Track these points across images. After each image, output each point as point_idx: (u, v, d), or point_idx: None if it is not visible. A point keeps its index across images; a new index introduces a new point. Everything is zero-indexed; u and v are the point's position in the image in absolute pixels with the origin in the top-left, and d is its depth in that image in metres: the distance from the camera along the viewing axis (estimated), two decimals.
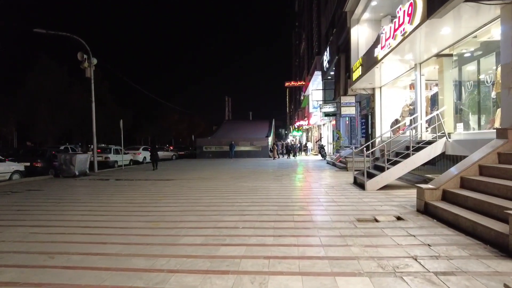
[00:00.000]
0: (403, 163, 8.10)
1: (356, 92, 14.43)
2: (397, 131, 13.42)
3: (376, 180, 8.19)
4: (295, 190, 8.64)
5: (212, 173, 14.48)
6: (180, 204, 6.88)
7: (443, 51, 9.19)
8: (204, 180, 11.48)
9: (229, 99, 56.54)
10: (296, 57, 57.00)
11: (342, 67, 15.25)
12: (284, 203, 6.66)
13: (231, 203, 6.80)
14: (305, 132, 52.59)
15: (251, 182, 10.48)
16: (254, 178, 11.88)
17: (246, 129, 38.03)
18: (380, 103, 14.09)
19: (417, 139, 9.75)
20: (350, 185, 9.27)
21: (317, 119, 32.49)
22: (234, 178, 12.08)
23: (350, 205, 6.31)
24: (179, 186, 10.10)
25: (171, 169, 17.44)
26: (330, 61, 19.98)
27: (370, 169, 9.86)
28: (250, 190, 8.76)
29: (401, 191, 7.83)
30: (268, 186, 9.47)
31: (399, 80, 12.92)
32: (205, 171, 15.45)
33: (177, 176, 13.45)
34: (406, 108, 13.16)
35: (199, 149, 31.52)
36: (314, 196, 7.58)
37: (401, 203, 6.30)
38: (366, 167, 14.07)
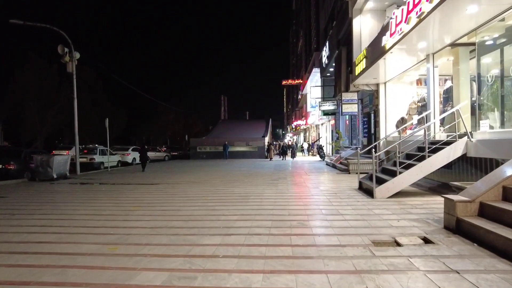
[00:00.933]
0: (417, 167, 6.98)
1: (358, 88, 13.32)
2: (404, 131, 12.34)
3: (386, 187, 7.07)
4: (293, 198, 7.50)
5: (203, 175, 13.32)
6: (154, 217, 5.71)
7: (460, 40, 8.09)
8: (192, 185, 10.32)
9: (225, 98, 55.33)
10: (294, 56, 55.92)
11: (343, 61, 14.16)
12: (279, 216, 5.51)
13: (216, 216, 5.65)
14: (303, 132, 51.52)
15: (243, 187, 9.33)
16: (247, 182, 10.74)
17: (242, 129, 36.90)
18: (384, 100, 12.99)
19: (430, 139, 8.64)
20: (355, 192, 8.15)
21: (315, 118, 31.40)
22: (225, 182, 10.93)
23: (360, 219, 5.18)
24: (161, 192, 8.93)
25: (160, 171, 16.25)
26: (329, 57, 18.86)
27: (377, 172, 8.75)
28: (241, 197, 7.61)
29: (416, 200, 6.72)
30: (262, 192, 8.33)
31: (406, 74, 11.83)
32: (196, 174, 14.29)
33: (163, 179, 12.27)
34: (413, 105, 12.07)
35: (192, 150, 30.32)
36: (315, 206, 6.44)
37: (422, 217, 5.18)
38: (371, 170, 12.99)
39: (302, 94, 36.36)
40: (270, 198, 7.37)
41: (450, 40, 8.05)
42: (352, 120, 19.58)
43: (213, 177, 12.56)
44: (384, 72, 11.59)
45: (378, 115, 13.22)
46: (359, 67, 11.79)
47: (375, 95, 13.40)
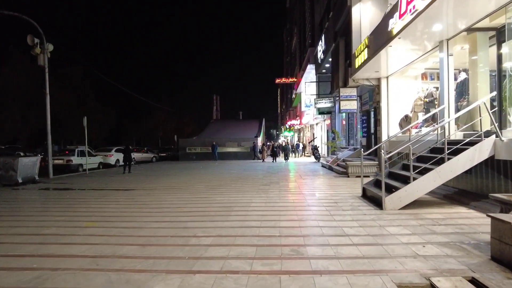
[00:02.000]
0: (435, 172, 5.77)
1: (358, 83, 12.13)
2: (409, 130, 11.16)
3: (398, 196, 5.84)
4: (285, 209, 6.23)
5: (186, 180, 12.00)
6: (106, 239, 4.40)
7: (478, 24, 6.94)
8: (170, 191, 9.02)
9: (217, 97, 53.74)
10: (288, 55, 54.77)
11: (341, 54, 12.96)
12: (268, 238, 4.24)
13: (185, 238, 4.36)
14: (297, 132, 50.36)
15: (228, 195, 8.05)
16: (234, 188, 9.46)
17: (234, 129, 35.62)
18: (387, 96, 11.81)
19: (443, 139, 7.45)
20: (359, 200, 6.91)
21: (309, 118, 30.25)
22: (209, 187, 9.64)
23: (373, 242, 3.93)
24: (131, 201, 7.61)
25: (142, 174, 14.89)
26: (325, 51, 17.67)
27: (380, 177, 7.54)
28: (223, 209, 6.32)
29: (435, 212, 5.50)
30: (249, 202, 7.05)
31: (411, 67, 10.66)
32: (180, 177, 12.97)
33: (141, 184, 10.94)
34: (419, 101, 10.90)
35: (182, 151, 28.93)
36: (313, 221, 5.18)
37: (452, 239, 3.96)
38: (373, 174, 11.81)
39: (296, 93, 35.17)
40: (258, 210, 6.09)
41: (467, 23, 6.88)
42: (350, 119, 18.40)
43: (198, 182, 11.26)
44: (386, 64, 10.41)
45: (379, 112, 12.04)
46: (360, 58, 10.59)
47: (376, 91, 12.22)
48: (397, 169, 7.46)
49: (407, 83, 11.68)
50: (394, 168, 7.62)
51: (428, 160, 6.47)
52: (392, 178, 7.25)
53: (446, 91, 7.57)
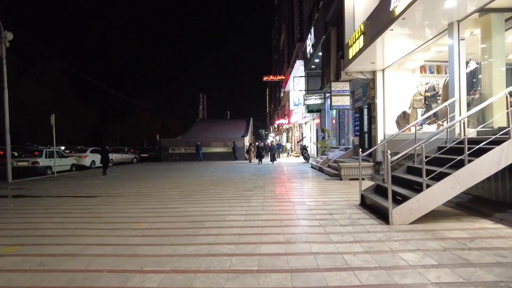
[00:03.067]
0: (453, 178, 4.67)
1: (351, 76, 11.04)
2: (411, 128, 10.14)
3: (408, 208, 4.71)
4: (269, 225, 5.02)
5: (161, 184, 10.69)
6: (16, 275, 3.11)
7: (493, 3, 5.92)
8: (138, 199, 7.72)
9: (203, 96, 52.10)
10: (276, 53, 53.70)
11: (333, 45, 11.86)
12: (241, 276, 3.02)
13: (126, 274, 3.10)
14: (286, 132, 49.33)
15: (203, 204, 6.80)
16: (212, 194, 8.22)
17: (220, 129, 34.29)
18: (382, 90, 10.76)
19: (454, 137, 6.40)
20: (358, 211, 5.77)
21: (298, 117, 29.22)
22: (184, 194, 8.38)
23: (390, 283, 2.77)
24: (86, 212, 6.28)
25: (116, 177, 13.49)
26: (314, 45, 16.58)
27: (380, 181, 6.44)
28: (191, 226, 5.08)
29: (456, 228, 4.39)
30: (227, 214, 5.82)
31: (410, 59, 9.65)
32: (155, 181, 11.63)
33: (109, 189, 9.62)
34: (418, 96, 9.88)
35: (164, 151, 27.45)
36: (304, 244, 3.98)
37: (500, 275, 2.83)
38: (368, 176, 10.73)
39: (285, 92, 34.12)
40: (235, 227, 4.87)
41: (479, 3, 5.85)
42: (341, 117, 17.36)
43: (173, 187, 9.96)
44: (383, 55, 9.36)
45: (374, 109, 10.98)
46: (354, 48, 9.49)
47: (371, 85, 11.17)
48: (401, 173, 6.35)
49: (405, 77, 10.67)
50: (397, 171, 6.51)
51: (437, 162, 5.39)
52: (394, 183, 6.15)
53: (456, 82, 6.49)
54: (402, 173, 6.30)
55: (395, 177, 6.36)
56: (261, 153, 20.89)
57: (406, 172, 6.34)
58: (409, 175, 5.99)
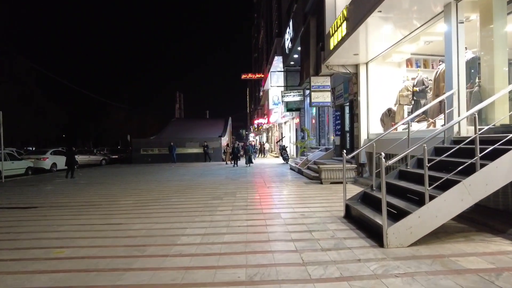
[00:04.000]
0: (461, 187, 3.69)
1: (332, 70, 10.08)
2: (391, 125, 9.27)
3: (407, 226, 3.68)
4: (230, 252, 3.87)
5: (119, 190, 9.34)
6: None
7: None
8: (82, 210, 6.40)
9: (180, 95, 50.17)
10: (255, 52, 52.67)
11: (312, 36, 10.86)
12: None
13: None
14: (265, 132, 48.37)
15: (156, 218, 5.58)
16: (173, 204, 6.99)
17: (197, 129, 32.78)
18: (366, 86, 9.86)
19: (453, 136, 5.49)
20: (343, 226, 4.71)
21: (277, 116, 28.31)
22: (139, 203, 7.10)
23: None
24: (4, 232, 4.92)
25: (73, 183, 11.93)
26: (293, 39, 15.59)
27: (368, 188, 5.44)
28: (127, 252, 3.86)
29: (468, 252, 3.40)
30: (180, 233, 4.64)
31: (396, 50, 8.78)
32: (113, 186, 10.25)
33: (57, 197, 8.30)
34: (405, 92, 9.03)
35: (135, 152, 25.75)
36: (271, 284, 2.86)
37: None
38: (351, 180, 9.77)
39: (264, 90, 33.11)
40: (184, 254, 3.69)
41: None
42: (321, 115, 16.46)
43: (131, 193, 8.65)
44: (367, 45, 8.45)
45: (357, 106, 10.06)
46: (336, 37, 8.50)
47: (353, 81, 10.25)
48: (392, 178, 5.37)
49: (390, 71, 9.82)
50: (387, 177, 5.51)
51: (436, 166, 4.41)
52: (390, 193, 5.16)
53: (455, 72, 5.57)
54: (394, 179, 5.32)
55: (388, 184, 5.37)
56: (236, 155, 19.15)
57: (398, 178, 5.36)
58: (403, 182, 5.01)
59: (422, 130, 6.32)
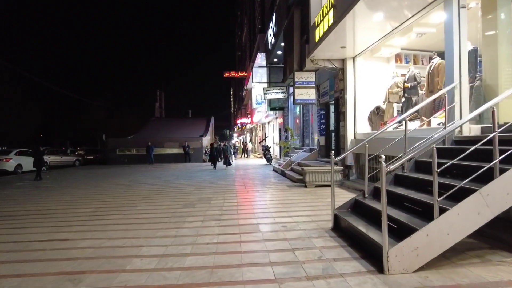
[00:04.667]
0: (478, 197, 3.00)
1: (317, 65, 9.37)
2: (381, 124, 8.67)
3: (413, 246, 2.95)
4: (189, 282, 3.05)
5: (82, 196, 8.32)
6: None
7: None
8: (29, 221, 5.44)
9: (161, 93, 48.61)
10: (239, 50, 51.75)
11: (296, 28, 10.12)
12: None
13: None
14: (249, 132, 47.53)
15: (110, 232, 4.67)
16: (135, 213, 6.08)
17: (178, 128, 31.65)
18: (353, 82, 9.21)
19: (454, 136, 4.84)
20: (331, 241, 3.96)
21: (261, 116, 27.55)
22: (97, 212, 6.15)
23: None
24: None
25: (35, 186, 10.76)
26: (276, 34, 14.87)
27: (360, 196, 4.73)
28: (54, 284, 2.97)
29: (490, 280, 2.71)
30: (134, 253, 3.76)
31: (385, 44, 8.19)
32: (77, 192, 9.19)
33: (8, 204, 7.17)
34: (395, 88, 8.45)
35: (111, 153, 24.45)
36: None
37: None
38: (337, 183, 9.09)
39: (247, 89, 32.30)
40: (133, 283, 2.84)
41: None
42: (305, 115, 15.80)
43: (93, 200, 7.67)
44: (355, 37, 7.78)
45: (343, 104, 9.41)
46: (322, 27, 7.79)
47: (340, 77, 9.58)
48: (387, 185, 4.66)
49: (379, 67, 9.22)
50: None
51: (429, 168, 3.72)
52: (377, 198, 4.46)
53: (456, 62, 4.92)
54: (389, 185, 4.62)
55: (377, 189, 4.67)
56: (214, 155, 17.35)
57: (394, 183, 4.66)
58: (401, 188, 4.31)
59: (418, 130, 5.67)
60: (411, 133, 5.64)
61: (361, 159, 8.87)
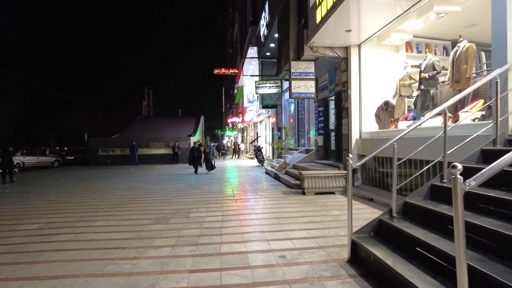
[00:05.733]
0: None
1: (317, 53, 8.16)
2: (391, 122, 7.50)
3: None
4: None
5: (37, 206, 6.95)
6: None
7: None
8: None
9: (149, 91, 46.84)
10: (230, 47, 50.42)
11: (293, 12, 8.88)
12: None
13: None
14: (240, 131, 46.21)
15: (39, 268, 3.36)
16: (92, 231, 4.75)
17: (165, 127, 30.14)
18: (358, 73, 8.03)
19: (507, 134, 3.66)
20: (350, 286, 2.72)
21: (252, 115, 26.31)
22: (44, 231, 4.81)
23: None
24: None
25: None
26: (269, 24, 13.64)
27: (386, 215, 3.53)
28: None
29: None
30: None
31: (396, 29, 7.01)
32: (38, 198, 7.81)
33: None
34: (407, 80, 7.28)
35: (92, 153, 22.87)
36: None
37: None
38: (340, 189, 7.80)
39: (238, 87, 31.03)
40: None
41: None
42: (300, 113, 14.61)
43: (47, 211, 6.30)
44: (361, 19, 6.59)
45: (347, 98, 8.21)
46: (324, 6, 6.56)
47: (342, 68, 8.40)
48: (421, 199, 3.47)
49: (386, 56, 8.08)
50: (414, 195, 3.57)
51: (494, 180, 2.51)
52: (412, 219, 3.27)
53: (510, 38, 3.74)
54: (423, 200, 3.42)
55: (410, 206, 3.46)
56: (195, 157, 14.17)
57: (429, 197, 3.47)
58: (443, 206, 3.10)
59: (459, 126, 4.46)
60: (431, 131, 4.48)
61: (367, 162, 7.68)
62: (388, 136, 6.82)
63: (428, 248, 2.62)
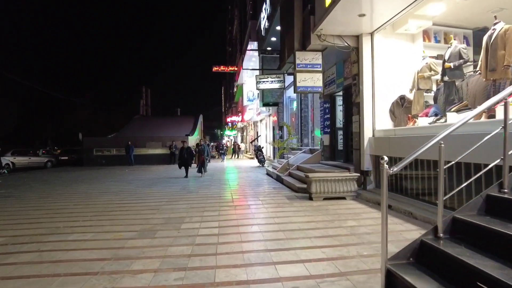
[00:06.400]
0: None
1: (325, 42, 7.35)
2: (408, 118, 6.71)
3: None
4: None
5: (11, 213, 6.14)
6: None
7: None
8: None
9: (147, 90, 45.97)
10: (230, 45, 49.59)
11: None
12: None
13: None
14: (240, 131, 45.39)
15: None
16: (59, 248, 3.95)
17: (163, 127, 29.32)
18: (371, 65, 7.23)
19: None
20: None
21: (252, 114, 25.55)
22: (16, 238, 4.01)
23: None
24: None
25: None
26: (271, 16, 12.85)
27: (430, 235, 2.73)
28: None
29: None
30: None
31: (414, 14, 6.23)
32: (16, 203, 7.03)
33: None
34: (426, 72, 6.49)
35: (87, 153, 22.07)
36: None
37: None
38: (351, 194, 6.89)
39: (238, 85, 30.24)
40: None
41: None
42: (303, 110, 13.82)
43: (19, 221, 5.51)
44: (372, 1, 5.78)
45: (358, 93, 7.42)
46: None
47: (352, 59, 7.60)
48: (475, 214, 2.68)
49: (401, 46, 7.31)
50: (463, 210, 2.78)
51: None
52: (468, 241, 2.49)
53: None
54: (479, 215, 2.63)
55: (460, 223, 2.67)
56: (185, 159, 12.57)
57: (485, 211, 2.68)
58: (509, 224, 2.31)
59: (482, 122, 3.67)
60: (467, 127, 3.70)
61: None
62: (407, 134, 6.05)
63: (495, 283, 1.86)
